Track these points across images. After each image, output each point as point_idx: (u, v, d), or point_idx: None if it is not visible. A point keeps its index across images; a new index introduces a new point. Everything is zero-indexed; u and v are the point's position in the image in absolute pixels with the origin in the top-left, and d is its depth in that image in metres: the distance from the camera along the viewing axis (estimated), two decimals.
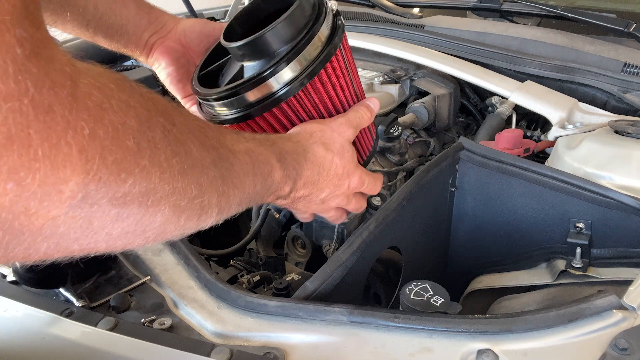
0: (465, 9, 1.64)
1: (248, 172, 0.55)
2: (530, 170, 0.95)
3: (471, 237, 1.10)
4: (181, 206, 0.45)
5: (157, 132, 0.42)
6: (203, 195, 0.47)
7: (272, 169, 0.60)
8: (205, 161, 0.48)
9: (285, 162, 0.62)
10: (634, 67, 1.26)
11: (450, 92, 1.37)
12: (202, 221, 0.50)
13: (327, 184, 0.69)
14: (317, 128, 0.69)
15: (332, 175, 0.69)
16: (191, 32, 0.79)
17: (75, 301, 0.71)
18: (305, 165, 0.65)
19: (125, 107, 0.39)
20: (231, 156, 0.53)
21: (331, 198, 0.72)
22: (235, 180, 0.53)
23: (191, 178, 0.45)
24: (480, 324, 0.62)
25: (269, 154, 0.60)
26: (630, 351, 0.57)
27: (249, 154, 0.56)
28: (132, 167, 0.39)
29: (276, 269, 1.09)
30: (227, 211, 0.53)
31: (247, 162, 0.55)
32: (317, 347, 0.64)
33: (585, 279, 0.91)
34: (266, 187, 0.60)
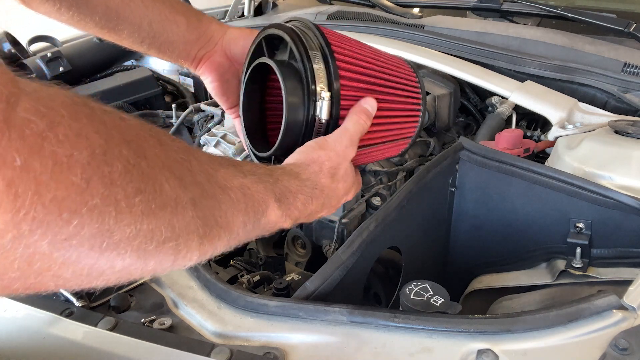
0: (465, 9, 1.64)
1: (239, 211, 0.51)
2: (530, 170, 0.95)
3: (471, 237, 1.10)
4: (148, 250, 0.40)
5: (116, 167, 0.36)
6: (177, 239, 0.42)
7: (268, 209, 0.56)
8: (181, 200, 0.42)
9: (287, 203, 0.59)
10: (634, 67, 1.26)
11: (450, 92, 1.37)
12: (179, 264, 0.45)
13: (327, 208, 0.68)
14: (326, 157, 0.65)
15: (334, 200, 0.67)
16: (235, 46, 0.79)
17: (75, 301, 0.71)
18: (311, 203, 0.63)
19: (74, 137, 0.34)
20: (220, 193, 0.48)
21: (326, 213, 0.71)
22: (221, 220, 0.48)
23: (160, 219, 0.40)
24: (480, 324, 0.62)
25: (266, 193, 0.55)
26: (630, 351, 0.57)
27: (243, 191, 0.52)
28: (78, 206, 0.34)
29: (276, 269, 1.09)
30: (211, 253, 0.48)
31: (240, 201, 0.51)
32: (317, 347, 0.64)
33: (585, 279, 0.91)
34: (259, 226, 0.56)
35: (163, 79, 1.76)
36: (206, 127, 1.39)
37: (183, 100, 1.70)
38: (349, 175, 0.69)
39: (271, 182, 0.57)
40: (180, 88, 1.74)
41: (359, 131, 0.68)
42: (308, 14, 1.76)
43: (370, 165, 1.17)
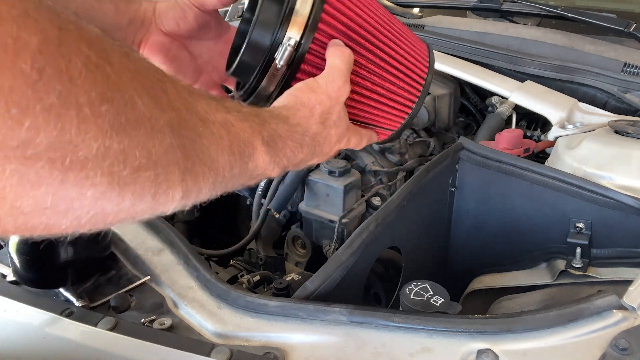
0: (465, 9, 1.64)
1: (223, 150, 0.46)
2: (530, 170, 0.95)
3: (471, 237, 1.10)
4: (122, 176, 0.34)
5: (75, 63, 0.31)
6: (156, 167, 0.37)
7: (255, 153, 0.51)
8: (157, 122, 0.37)
9: (275, 148, 0.54)
10: (634, 67, 1.26)
11: (450, 92, 1.37)
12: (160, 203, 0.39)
13: (318, 156, 0.63)
14: (317, 100, 0.60)
15: (325, 147, 0.63)
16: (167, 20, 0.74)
17: (75, 301, 0.71)
18: (301, 151, 0.58)
19: (21, 16, 0.28)
20: (200, 125, 0.43)
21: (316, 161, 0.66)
22: (204, 155, 0.43)
23: (134, 140, 0.35)
24: (480, 324, 0.62)
25: (253, 134, 0.51)
26: (630, 351, 0.57)
27: (227, 127, 0.47)
28: (30, 101, 0.28)
29: (276, 269, 1.09)
30: (196, 194, 0.43)
31: (223, 138, 0.46)
32: (317, 347, 0.64)
33: (585, 279, 0.91)
34: (246, 172, 0.51)
35: None
36: None
37: None
38: (342, 120, 0.63)
39: (258, 122, 0.52)
40: None
41: (348, 67, 0.62)
42: None
43: (370, 165, 1.17)
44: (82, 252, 0.72)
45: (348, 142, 0.67)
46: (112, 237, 0.80)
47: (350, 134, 0.67)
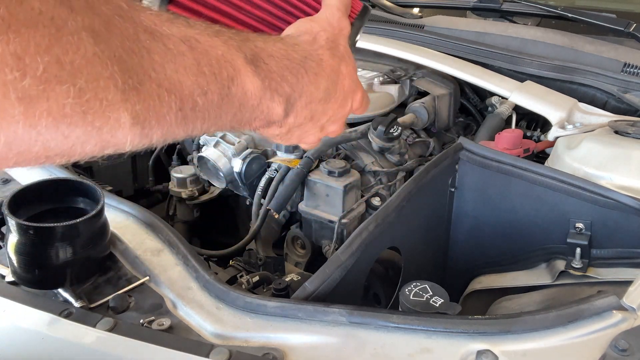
0: (465, 9, 1.65)
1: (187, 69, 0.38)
2: (530, 170, 0.95)
3: (471, 237, 1.10)
4: (23, 89, 0.29)
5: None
6: (75, 79, 0.31)
7: (239, 75, 0.42)
8: (65, 24, 0.31)
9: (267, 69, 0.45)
10: (634, 67, 1.26)
11: (450, 92, 1.37)
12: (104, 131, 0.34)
13: (333, 104, 0.54)
14: (320, 27, 0.53)
15: (339, 91, 0.54)
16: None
17: (74, 302, 0.71)
18: (306, 77, 0.49)
19: None
20: (146, 38, 0.36)
21: (330, 123, 0.56)
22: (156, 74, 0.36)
23: (29, 41, 0.29)
24: (480, 325, 0.62)
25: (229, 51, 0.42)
26: (630, 352, 0.57)
27: (190, 43, 0.39)
28: None
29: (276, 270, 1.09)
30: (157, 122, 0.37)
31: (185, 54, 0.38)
32: (317, 347, 0.64)
33: (585, 279, 0.91)
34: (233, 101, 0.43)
35: None
36: None
37: None
38: (351, 58, 0.56)
39: (237, 39, 0.44)
40: None
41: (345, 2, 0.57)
42: None
43: (370, 166, 1.17)
44: (81, 253, 0.72)
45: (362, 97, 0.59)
46: (111, 237, 0.79)
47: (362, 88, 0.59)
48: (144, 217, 0.87)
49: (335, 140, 1.15)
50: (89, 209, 0.75)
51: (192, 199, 1.29)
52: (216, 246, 1.09)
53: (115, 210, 0.89)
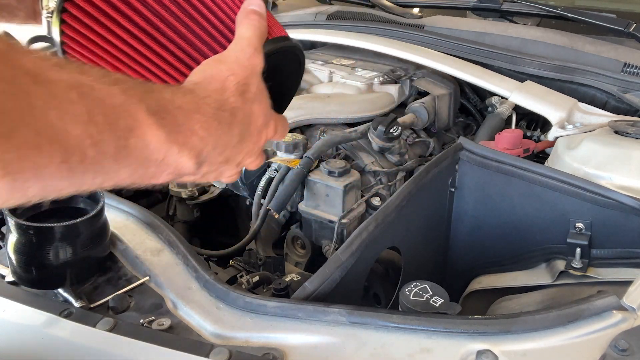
0: (465, 9, 1.64)
1: (75, 117, 0.35)
2: (530, 170, 0.95)
3: (471, 237, 1.10)
4: None
5: None
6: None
7: (139, 126, 0.39)
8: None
9: (173, 122, 0.42)
10: (634, 67, 1.26)
11: (449, 92, 1.37)
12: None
13: (247, 143, 0.52)
14: (228, 71, 0.50)
15: (253, 130, 0.52)
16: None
17: (74, 302, 0.71)
18: (219, 129, 0.47)
19: None
20: (27, 82, 0.33)
21: (247, 158, 0.54)
22: (35, 120, 0.33)
23: None
24: (480, 325, 0.62)
25: (129, 100, 0.39)
26: (630, 352, 0.57)
27: (80, 89, 0.36)
28: None
29: (276, 270, 1.09)
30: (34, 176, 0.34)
31: (74, 102, 0.35)
32: (316, 347, 0.64)
33: (585, 279, 0.91)
34: (132, 154, 0.40)
35: None
36: None
37: None
38: (263, 95, 0.53)
39: (139, 89, 0.41)
40: None
41: (259, 35, 0.54)
42: (308, 14, 1.76)
43: (370, 166, 1.17)
44: (81, 253, 0.72)
45: (276, 126, 0.56)
46: (111, 237, 0.79)
47: (275, 117, 0.57)
48: (144, 217, 0.87)
49: (335, 140, 1.15)
50: (89, 209, 0.75)
51: (192, 199, 1.29)
52: (216, 246, 1.09)
53: (115, 210, 0.89)
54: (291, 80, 0.65)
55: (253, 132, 0.52)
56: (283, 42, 0.59)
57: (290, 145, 1.14)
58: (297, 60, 0.63)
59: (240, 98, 0.49)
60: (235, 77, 0.50)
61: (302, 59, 0.63)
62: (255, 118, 0.52)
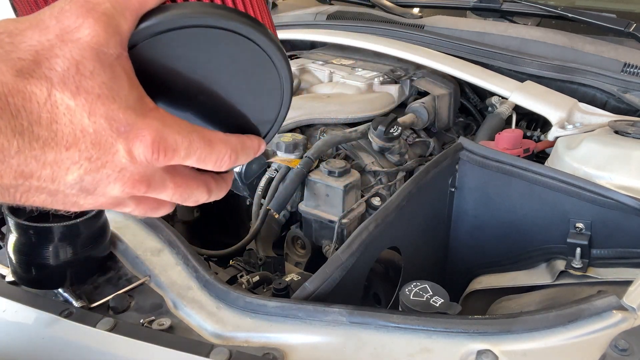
0: (465, 9, 1.64)
1: None
2: (530, 170, 0.95)
3: (471, 237, 1.10)
4: None
5: None
6: None
7: None
8: None
9: None
10: (634, 67, 1.26)
11: (449, 92, 1.37)
12: None
13: (64, 154, 0.33)
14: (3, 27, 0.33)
15: (69, 135, 0.33)
16: None
17: (74, 302, 0.71)
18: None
19: None
20: None
21: (101, 183, 0.36)
22: None
23: None
24: (480, 325, 0.62)
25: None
26: (630, 352, 0.57)
27: None
28: None
29: (276, 270, 1.09)
30: None
31: None
32: (317, 347, 0.64)
33: (585, 279, 0.91)
34: None
35: None
36: None
37: None
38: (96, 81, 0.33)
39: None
40: None
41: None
42: (308, 14, 1.76)
43: (370, 166, 1.17)
44: (81, 253, 0.72)
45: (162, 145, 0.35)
46: (111, 237, 0.79)
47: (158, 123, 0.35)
48: (144, 217, 0.87)
49: (335, 140, 1.15)
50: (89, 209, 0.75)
51: None
52: (216, 246, 1.09)
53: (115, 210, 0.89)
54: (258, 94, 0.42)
55: (71, 139, 0.33)
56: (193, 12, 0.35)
57: (290, 145, 1.14)
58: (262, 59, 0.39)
59: (13, 70, 0.32)
60: (12, 38, 0.32)
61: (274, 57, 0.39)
62: (66, 113, 0.33)
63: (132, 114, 0.34)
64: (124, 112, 0.34)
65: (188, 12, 0.35)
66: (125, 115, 0.34)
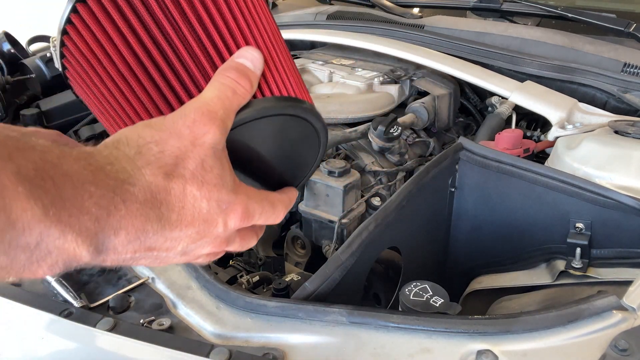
0: (465, 9, 1.64)
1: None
2: (530, 170, 0.95)
3: (471, 237, 1.10)
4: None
5: None
6: None
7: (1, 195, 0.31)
8: None
9: (56, 194, 0.33)
10: (634, 67, 1.26)
11: (449, 92, 1.37)
12: None
13: (183, 231, 0.41)
14: (151, 138, 0.40)
15: (189, 217, 0.41)
16: None
17: (74, 302, 0.71)
18: (123, 209, 0.37)
19: None
20: None
21: (197, 248, 0.44)
22: None
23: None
24: (480, 325, 0.62)
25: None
26: (630, 352, 0.57)
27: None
28: None
29: (276, 269, 1.09)
30: None
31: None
32: (317, 347, 0.64)
33: (585, 279, 0.91)
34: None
35: None
36: None
37: None
38: (215, 174, 0.42)
39: (11, 144, 0.33)
40: None
41: (226, 98, 0.43)
42: (308, 14, 1.76)
43: (370, 166, 1.17)
44: None
45: (247, 214, 0.45)
46: None
47: (247, 199, 0.45)
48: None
49: (335, 140, 1.15)
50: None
51: None
52: None
53: None
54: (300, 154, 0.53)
55: (188, 219, 0.41)
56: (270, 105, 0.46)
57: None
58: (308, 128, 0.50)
59: (162, 173, 0.39)
60: (159, 146, 0.40)
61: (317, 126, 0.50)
62: (189, 201, 0.41)
63: (231, 194, 0.43)
64: (226, 194, 0.43)
65: (265, 106, 0.46)
66: (227, 196, 0.43)
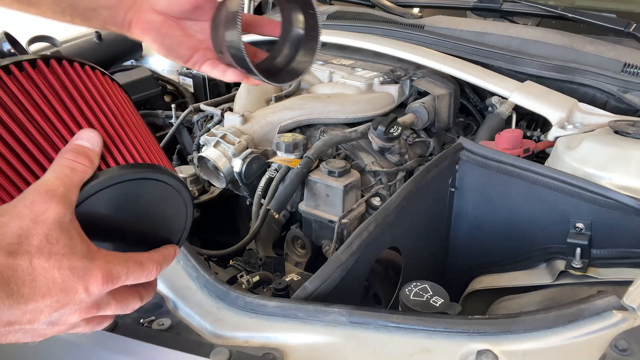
0: (465, 9, 1.64)
1: None
2: (530, 170, 0.95)
3: (471, 237, 1.10)
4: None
5: None
6: None
7: None
8: None
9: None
10: (634, 67, 1.26)
11: (450, 92, 1.37)
12: None
13: (40, 302, 0.45)
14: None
15: (44, 288, 0.44)
16: (160, 0, 0.72)
17: None
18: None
19: None
20: None
21: (63, 316, 0.47)
22: None
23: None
24: (480, 325, 0.62)
25: None
26: (630, 352, 0.57)
27: None
28: None
29: (276, 270, 1.09)
30: None
31: None
32: (317, 347, 0.64)
33: (585, 279, 0.91)
34: None
35: (162, 79, 1.75)
36: (205, 128, 1.38)
37: (183, 101, 1.70)
38: (59, 242, 0.45)
39: None
40: (180, 88, 1.74)
41: (65, 177, 0.47)
42: None
43: (370, 166, 1.17)
44: None
45: (110, 277, 0.48)
46: None
47: (105, 263, 0.48)
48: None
49: (335, 140, 1.15)
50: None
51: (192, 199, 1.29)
52: (216, 246, 1.09)
53: None
54: (166, 213, 0.56)
55: (43, 290, 0.44)
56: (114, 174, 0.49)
57: (290, 145, 1.14)
58: (164, 188, 0.54)
59: (5, 253, 0.43)
60: (1, 229, 0.44)
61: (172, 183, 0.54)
62: (40, 273, 0.44)
63: (85, 261, 0.46)
64: (80, 261, 0.46)
65: (109, 176, 0.49)
66: (81, 263, 0.46)
